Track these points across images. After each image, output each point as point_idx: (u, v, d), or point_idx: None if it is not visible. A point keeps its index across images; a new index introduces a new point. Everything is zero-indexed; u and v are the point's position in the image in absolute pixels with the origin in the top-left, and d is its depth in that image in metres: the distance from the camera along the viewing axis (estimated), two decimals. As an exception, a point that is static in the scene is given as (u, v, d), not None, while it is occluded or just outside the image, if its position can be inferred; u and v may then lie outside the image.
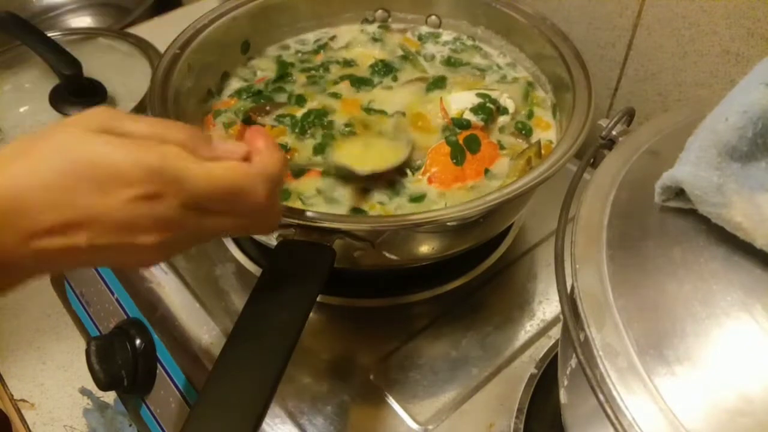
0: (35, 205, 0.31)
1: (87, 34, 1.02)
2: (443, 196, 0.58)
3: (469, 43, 0.77)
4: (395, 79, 0.71)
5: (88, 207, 0.32)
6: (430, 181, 0.59)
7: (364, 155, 0.60)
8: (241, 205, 0.38)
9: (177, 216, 0.34)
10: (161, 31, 0.89)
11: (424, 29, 0.79)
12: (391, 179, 0.59)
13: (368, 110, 0.67)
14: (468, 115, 0.64)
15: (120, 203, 0.32)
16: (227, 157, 0.38)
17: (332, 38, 0.78)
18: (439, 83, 0.70)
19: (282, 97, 0.69)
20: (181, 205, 0.34)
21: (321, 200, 0.58)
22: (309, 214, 0.48)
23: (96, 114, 0.35)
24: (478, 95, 0.67)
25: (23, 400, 0.78)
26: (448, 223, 0.52)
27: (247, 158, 0.39)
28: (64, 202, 0.32)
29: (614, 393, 0.29)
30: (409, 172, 0.60)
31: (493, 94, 0.67)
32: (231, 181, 0.36)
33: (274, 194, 0.39)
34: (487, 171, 0.60)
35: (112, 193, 0.32)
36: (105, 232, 0.33)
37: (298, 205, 0.57)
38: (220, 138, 0.40)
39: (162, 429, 0.63)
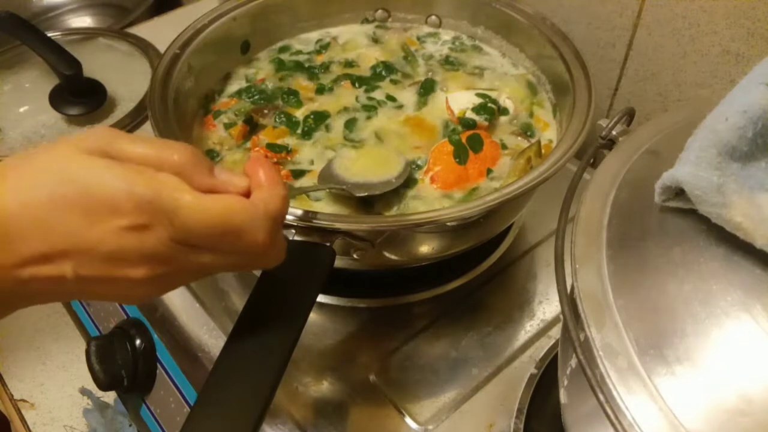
0: (21, 231, 0.30)
1: (87, 34, 1.03)
2: (445, 196, 0.58)
3: (469, 43, 0.77)
4: (395, 82, 0.71)
5: (75, 235, 0.31)
6: (432, 180, 0.59)
7: (363, 171, 0.59)
8: (238, 244, 0.35)
9: (167, 251, 0.32)
10: (161, 31, 0.90)
11: (424, 29, 0.79)
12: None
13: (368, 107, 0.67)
14: (470, 115, 0.65)
15: (108, 233, 0.31)
16: (226, 189, 0.35)
17: (334, 38, 0.78)
18: (428, 86, 0.70)
19: (283, 98, 0.69)
20: (172, 240, 0.32)
21: (327, 195, 0.58)
22: (309, 214, 0.48)
23: (96, 134, 0.33)
24: (478, 95, 0.67)
25: (23, 400, 0.78)
26: (448, 223, 0.52)
27: (248, 191, 0.36)
28: (51, 230, 0.31)
29: (614, 393, 0.29)
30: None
31: (493, 94, 0.67)
32: (226, 219, 0.33)
33: (274, 233, 0.36)
34: (489, 171, 0.60)
35: (101, 222, 0.31)
36: (92, 262, 0.32)
37: (304, 201, 0.57)
38: (221, 168, 0.36)
39: (162, 429, 0.63)
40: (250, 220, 0.34)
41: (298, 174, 0.60)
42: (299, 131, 0.65)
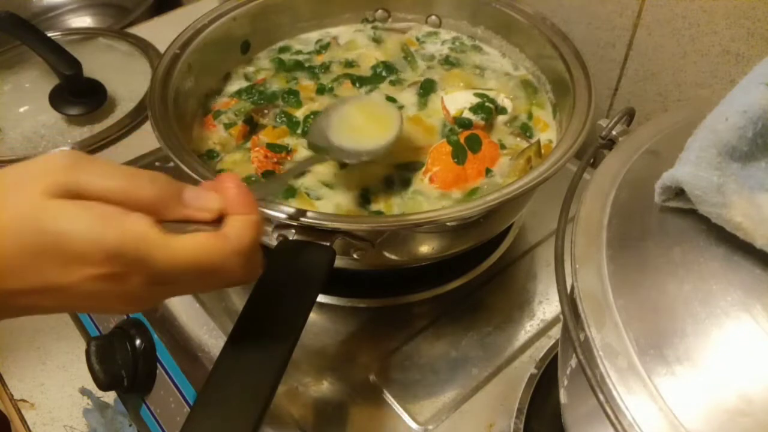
0: None
1: (87, 34, 1.03)
2: (444, 196, 0.58)
3: (469, 43, 0.77)
4: (394, 83, 0.71)
5: (52, 279, 0.31)
6: (431, 180, 0.59)
7: (356, 133, 0.58)
8: (215, 278, 0.35)
9: (143, 292, 0.33)
10: (161, 31, 0.90)
11: (424, 29, 0.79)
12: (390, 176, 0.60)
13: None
14: (467, 115, 0.64)
15: (83, 280, 0.32)
16: (200, 216, 0.35)
17: (334, 38, 0.78)
18: (428, 87, 0.70)
19: (283, 98, 0.69)
20: (147, 283, 0.33)
21: (328, 192, 0.58)
22: (309, 214, 0.48)
23: (56, 166, 0.32)
24: (476, 95, 0.67)
25: (23, 400, 0.78)
26: (448, 223, 0.52)
27: (220, 213, 0.36)
28: (26, 273, 0.31)
29: (614, 393, 0.29)
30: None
31: (491, 94, 0.67)
32: (201, 262, 0.33)
33: (249, 261, 0.36)
34: (488, 171, 0.60)
35: (75, 270, 0.31)
36: (71, 299, 0.33)
37: (304, 200, 0.57)
38: (193, 189, 0.36)
39: (162, 429, 0.63)
40: (224, 258, 0.34)
41: (299, 174, 0.60)
42: (299, 131, 0.65)
